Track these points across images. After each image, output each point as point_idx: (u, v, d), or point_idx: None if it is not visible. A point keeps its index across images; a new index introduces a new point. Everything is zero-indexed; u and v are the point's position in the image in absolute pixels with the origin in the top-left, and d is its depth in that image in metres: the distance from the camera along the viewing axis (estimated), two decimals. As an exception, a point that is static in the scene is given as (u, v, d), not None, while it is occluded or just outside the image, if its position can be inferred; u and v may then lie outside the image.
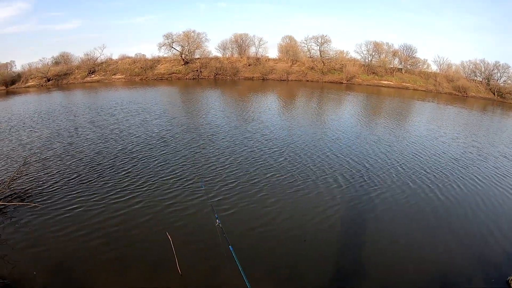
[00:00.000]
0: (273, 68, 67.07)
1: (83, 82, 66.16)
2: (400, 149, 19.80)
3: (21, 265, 8.92)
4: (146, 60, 71.86)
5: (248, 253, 9.29)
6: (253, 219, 11.18)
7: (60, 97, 46.29)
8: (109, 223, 10.94)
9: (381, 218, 11.73)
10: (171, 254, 8.75)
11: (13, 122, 27.14)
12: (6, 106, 39.36)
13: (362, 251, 9.70)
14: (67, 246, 9.74)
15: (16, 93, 56.76)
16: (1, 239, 10.13)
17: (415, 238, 10.54)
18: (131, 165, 16.09)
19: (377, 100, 44.83)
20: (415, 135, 23.96)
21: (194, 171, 15.08)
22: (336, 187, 13.98)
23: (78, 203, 12.26)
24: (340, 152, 18.56)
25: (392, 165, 16.96)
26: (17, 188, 13.60)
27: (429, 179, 15.34)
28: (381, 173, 15.77)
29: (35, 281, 8.24)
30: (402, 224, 11.38)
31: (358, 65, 67.80)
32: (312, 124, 26.60)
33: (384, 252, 9.64)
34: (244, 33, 73.39)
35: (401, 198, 13.24)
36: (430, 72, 68.71)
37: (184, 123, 25.20)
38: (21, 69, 71.07)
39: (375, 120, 30.16)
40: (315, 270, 8.80)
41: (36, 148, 19.06)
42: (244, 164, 16.11)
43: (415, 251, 9.80)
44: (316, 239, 10.24)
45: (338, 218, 11.49)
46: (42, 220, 11.17)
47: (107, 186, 13.74)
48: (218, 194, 12.91)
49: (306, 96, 46.40)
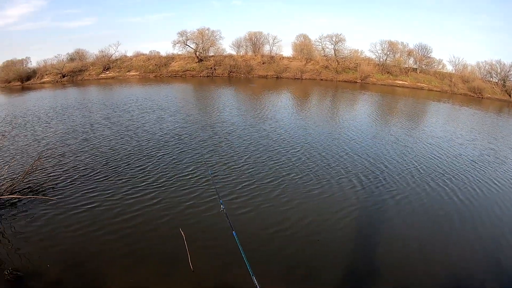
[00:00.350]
0: (287, 66, 67.07)
1: (97, 78, 66.71)
2: (417, 150, 19.68)
3: (34, 257, 8.99)
4: (160, 57, 72.30)
5: (261, 252, 9.39)
6: (267, 218, 11.18)
7: (75, 93, 46.83)
8: (122, 218, 11.04)
9: (396, 220, 11.63)
10: (183, 251, 8.89)
11: (29, 117, 27.58)
12: (22, 101, 40.14)
13: (375, 253, 9.68)
14: (80, 240, 9.88)
15: (31, 88, 57.40)
16: (15, 231, 10.31)
17: (429, 241, 10.42)
18: (146, 161, 16.25)
19: (392, 100, 44.57)
20: (431, 136, 23.77)
21: (210, 169, 15.06)
22: (353, 188, 13.88)
23: (92, 198, 12.43)
24: (357, 153, 18.51)
25: (410, 166, 16.84)
26: (32, 182, 13.84)
27: (446, 181, 15.16)
28: (399, 174, 15.66)
29: (48, 274, 8.41)
30: (417, 227, 11.20)
31: (372, 64, 67.53)
32: (328, 123, 26.61)
33: (398, 255, 9.59)
34: (259, 31, 73.45)
35: (417, 200, 13.06)
36: (445, 72, 67.99)
37: (199, 120, 25.36)
38: (36, 65, 71.93)
39: (391, 120, 30.05)
40: (328, 270, 8.83)
41: (51, 143, 19.39)
42: (260, 163, 16.12)
43: (428, 254, 9.71)
44: (330, 239, 10.21)
45: (353, 219, 11.41)
46: (56, 213, 11.33)
47: (121, 181, 13.91)
48: (232, 192, 12.95)
49: (321, 95, 46.37)
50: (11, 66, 67.56)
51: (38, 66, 71.49)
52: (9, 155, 17.14)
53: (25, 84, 64.58)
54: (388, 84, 62.91)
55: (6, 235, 10.12)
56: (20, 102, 38.87)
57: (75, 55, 77.79)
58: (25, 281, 8.14)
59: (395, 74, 65.60)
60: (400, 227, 11.13)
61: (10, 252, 9.29)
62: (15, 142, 19.63)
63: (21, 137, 20.90)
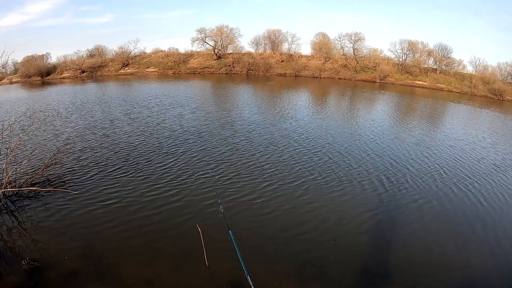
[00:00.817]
0: (306, 65, 66.94)
1: (116, 74, 67.59)
2: (439, 153, 19.57)
3: (52, 249, 9.31)
4: (179, 54, 73.07)
5: (278, 252, 9.50)
6: (288, 220, 11.18)
7: (95, 88, 47.78)
8: (140, 214, 11.32)
9: (417, 224, 11.49)
10: (200, 246, 8.99)
11: (49, 112, 28.47)
12: (42, 96, 41.24)
13: (394, 257, 9.64)
14: (97, 233, 10.19)
15: (51, 83, 58.60)
16: (33, 223, 10.67)
17: (450, 246, 10.28)
18: (166, 158, 16.52)
19: (412, 101, 44.12)
20: (453, 139, 23.61)
21: (231, 169, 15.24)
22: (375, 190, 13.82)
23: (111, 193, 12.73)
24: (378, 154, 18.52)
25: (432, 169, 16.72)
26: (51, 175, 14.28)
27: (469, 185, 15.02)
28: (422, 177, 15.54)
29: (65, 265, 8.64)
30: (439, 232, 11.07)
31: (391, 64, 66.85)
32: (348, 123, 26.64)
33: (418, 259, 9.51)
34: (277, 29, 73.50)
35: (439, 205, 12.89)
36: (466, 73, 66.71)
37: (219, 118, 25.63)
38: (56, 60, 73.69)
39: (412, 121, 29.85)
40: (344, 271, 8.87)
41: (70, 138, 19.90)
42: (281, 163, 16.20)
43: (450, 260, 9.62)
44: (348, 242, 10.19)
45: (374, 222, 11.36)
46: (74, 207, 11.67)
47: (140, 178, 14.21)
48: (254, 191, 13.04)
49: (340, 94, 46.21)
50: (32, 61, 69.18)
51: (58, 61, 73.47)
52: (29, 149, 17.67)
53: (45, 79, 66.05)
54: (407, 84, 62.16)
55: (24, 226, 10.52)
56: (40, 97, 39.82)
57: (95, 51, 79.33)
58: (42, 271, 8.39)
59: (414, 75, 64.79)
60: (422, 232, 11.02)
61: (28, 242, 9.62)
62: (35, 136, 20.21)
63: (41, 131, 21.53)
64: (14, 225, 10.59)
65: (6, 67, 70.89)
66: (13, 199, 12.31)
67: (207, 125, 23.10)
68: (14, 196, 12.47)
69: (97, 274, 8.35)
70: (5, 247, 9.43)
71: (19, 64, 72.04)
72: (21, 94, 46.25)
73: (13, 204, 11.94)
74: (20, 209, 11.53)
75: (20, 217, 11.01)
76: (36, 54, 71.23)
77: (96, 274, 8.36)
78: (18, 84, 64.64)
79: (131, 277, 8.26)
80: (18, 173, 13.55)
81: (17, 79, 68.07)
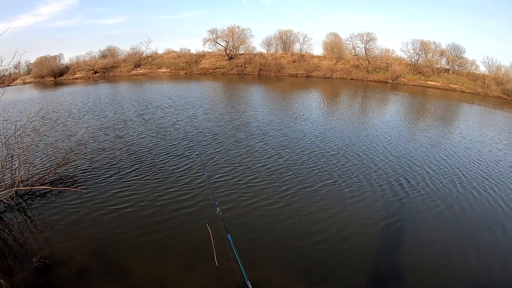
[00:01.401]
0: (318, 65, 67.00)
1: (128, 75, 68.19)
2: (457, 155, 19.44)
3: (62, 247, 9.49)
4: (191, 55, 73.63)
5: (291, 251, 9.54)
6: (307, 227, 11.01)
7: (107, 89, 48.52)
8: (150, 213, 11.46)
9: (440, 229, 11.34)
10: (209, 246, 9.03)
11: (61, 112, 29.09)
12: (55, 96, 42.06)
13: (413, 264, 9.42)
14: (108, 232, 10.34)
15: (64, 84, 59.50)
16: (45, 221, 10.93)
17: (473, 253, 10.06)
18: (179, 158, 16.68)
19: (425, 102, 43.95)
20: (469, 140, 23.48)
21: (248, 172, 15.24)
22: (396, 194, 13.68)
23: (122, 192, 12.91)
24: (397, 156, 18.46)
25: (451, 172, 16.58)
26: (63, 175, 14.55)
27: (488, 189, 14.86)
28: (441, 181, 15.38)
29: (75, 263, 8.80)
30: (461, 238, 10.84)
31: (404, 64, 66.54)
32: (364, 125, 26.55)
33: (441, 270, 9.24)
34: (289, 30, 73.76)
35: (461, 211, 12.67)
36: (478, 73, 66.04)
37: (232, 119, 25.67)
38: (69, 61, 74.91)
39: (427, 122, 29.62)
40: (354, 273, 8.81)
41: (83, 138, 20.22)
42: (298, 166, 16.10)
43: (473, 268, 9.46)
44: (360, 244, 10.11)
45: (395, 228, 11.18)
46: (85, 205, 11.90)
47: (152, 177, 14.36)
48: (269, 196, 12.88)
49: (353, 95, 46.08)
50: (45, 62, 70.47)
51: (70, 62, 74.96)
52: (41, 149, 18.09)
53: (58, 80, 67.14)
54: (419, 85, 61.86)
55: (36, 224, 10.74)
56: (53, 97, 40.57)
57: (107, 52, 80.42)
58: (53, 269, 8.54)
59: (426, 75, 64.41)
60: (443, 238, 10.79)
61: (39, 240, 9.81)
62: (47, 136, 20.60)
63: (53, 131, 21.95)
64: (26, 223, 10.86)
65: (19, 68, 71.84)
66: (25, 197, 12.56)
67: (221, 127, 23.20)
68: (26, 195, 12.73)
69: (107, 273, 8.49)
70: (16, 245, 9.67)
71: (32, 64, 73.30)
72: (34, 94, 47.11)
73: (25, 203, 12.18)
74: (32, 208, 11.79)
75: (32, 215, 11.29)
76: (49, 55, 72.63)
77: (106, 272, 8.51)
78: (31, 84, 65.80)
79: (141, 276, 8.39)
80: (31, 172, 13.90)
81: (30, 79, 69.25)
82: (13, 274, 8.42)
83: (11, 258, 9.11)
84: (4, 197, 11.83)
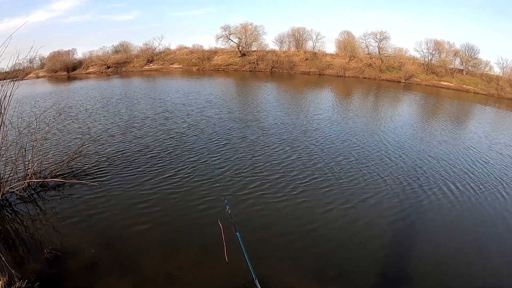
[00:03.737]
0: (330, 63, 66.78)
1: (141, 70, 68.51)
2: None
3: (73, 239, 9.58)
4: (204, 51, 73.76)
5: (301, 251, 9.47)
6: (314, 222, 10.97)
7: (120, 83, 48.88)
8: (162, 207, 11.54)
9: (464, 232, 11.09)
10: (219, 243, 8.90)
11: (74, 106, 29.48)
12: (68, 90, 42.63)
13: (426, 267, 9.14)
14: (119, 226, 10.43)
15: (77, 78, 60.10)
16: (56, 213, 11.05)
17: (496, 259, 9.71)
18: (193, 157, 16.52)
19: (444, 102, 43.44)
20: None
21: (256, 170, 15.10)
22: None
23: (133, 187, 12.94)
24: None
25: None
26: (75, 168, 14.67)
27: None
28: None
29: (85, 256, 8.85)
30: (480, 242, 10.51)
31: (417, 64, 65.92)
32: (378, 125, 25.84)
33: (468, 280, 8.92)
34: (302, 27, 73.47)
35: (482, 213, 12.36)
36: (492, 75, 65.02)
37: (247, 119, 24.92)
38: (82, 56, 75.30)
39: (453, 124, 29.28)
40: (367, 275, 8.68)
41: (94, 132, 20.39)
42: (313, 168, 15.61)
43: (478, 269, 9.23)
44: (374, 245, 9.93)
45: (408, 228, 10.99)
46: (97, 199, 12.00)
47: (164, 173, 14.39)
48: (280, 195, 12.75)
49: (367, 94, 45.75)
50: (58, 57, 71.25)
51: (83, 57, 75.39)
52: (54, 142, 18.24)
53: (71, 74, 67.84)
54: (432, 85, 61.22)
55: (47, 216, 10.83)
56: (66, 91, 41.14)
57: (120, 47, 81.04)
58: (63, 260, 8.62)
59: (440, 75, 63.79)
60: (458, 238, 10.61)
61: (51, 232, 9.93)
62: (60, 129, 20.82)
63: (66, 125, 22.15)
64: (38, 214, 10.99)
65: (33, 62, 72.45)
66: (37, 189, 12.66)
67: (236, 126, 22.75)
68: (38, 187, 12.83)
69: (117, 266, 8.54)
70: (28, 236, 9.80)
71: (46, 59, 73.94)
72: (47, 89, 47.60)
73: (37, 195, 12.28)
74: (44, 200, 11.93)
75: (44, 207, 11.42)
76: (62, 50, 73.11)
77: (116, 266, 8.56)
78: (45, 78, 66.43)
79: (151, 270, 8.43)
80: (43, 164, 13.95)
81: (43, 73, 69.91)
82: (24, 264, 8.56)
83: (23, 248, 9.27)
84: (17, 189, 11.94)
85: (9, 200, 11.82)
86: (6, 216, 10.97)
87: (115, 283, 7.98)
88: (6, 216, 10.94)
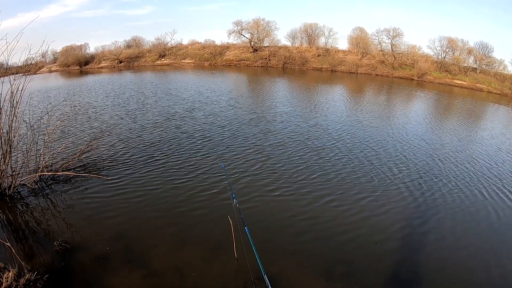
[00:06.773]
0: (343, 60, 66.42)
1: (153, 65, 68.72)
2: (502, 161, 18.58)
3: (83, 232, 9.74)
4: (216, 46, 73.98)
5: (311, 248, 9.50)
6: (332, 220, 10.98)
7: (133, 78, 49.06)
8: (172, 203, 11.63)
9: (472, 234, 10.95)
10: (228, 238, 8.84)
11: (86, 100, 29.82)
12: (80, 84, 43.10)
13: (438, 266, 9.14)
14: (129, 219, 10.56)
15: (89, 72, 60.73)
16: (67, 206, 11.24)
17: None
18: (196, 149, 16.85)
19: (460, 101, 43.01)
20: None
21: (265, 164, 15.25)
22: (428, 198, 13.11)
23: (143, 182, 13.10)
24: (432, 159, 17.73)
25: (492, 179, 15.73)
26: (86, 162, 14.94)
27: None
28: (481, 186, 14.67)
29: (95, 249, 8.97)
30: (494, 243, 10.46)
31: (430, 61, 65.07)
32: (392, 124, 25.43)
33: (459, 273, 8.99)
34: (314, 23, 73.02)
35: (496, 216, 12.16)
36: (506, 74, 64.09)
37: (261, 117, 24.57)
38: (94, 51, 76.03)
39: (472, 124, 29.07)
40: (378, 273, 8.69)
41: (106, 126, 20.65)
42: (323, 164, 15.67)
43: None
44: (388, 245, 9.94)
45: (423, 230, 10.85)
46: (107, 192, 12.17)
47: (175, 168, 14.55)
48: (289, 191, 12.78)
49: (380, 91, 45.54)
50: (70, 51, 71.96)
51: (96, 51, 76.05)
52: (65, 136, 18.48)
53: (83, 68, 68.50)
54: (445, 83, 60.52)
55: (58, 209, 11.05)
56: (78, 86, 41.57)
57: (132, 42, 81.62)
58: (73, 253, 8.76)
59: (453, 73, 63.14)
60: (473, 241, 10.50)
61: (61, 225, 10.10)
62: (72, 123, 21.16)
63: (78, 119, 22.53)
64: (49, 207, 11.18)
65: (46, 56, 73.03)
66: (49, 182, 12.94)
67: (240, 119, 23.00)
68: (50, 180, 13.11)
69: (127, 259, 8.64)
70: (38, 228, 9.97)
71: (58, 53, 74.66)
72: (60, 83, 48.26)
73: (48, 188, 12.55)
74: (55, 193, 12.11)
75: (55, 200, 11.60)
76: (75, 44, 73.79)
77: (126, 259, 8.66)
78: (57, 72, 67.00)
79: (160, 264, 8.52)
80: (55, 158, 14.29)
81: (56, 68, 70.59)
82: (34, 256, 8.69)
83: (33, 241, 9.42)
84: (28, 182, 12.22)
85: (20, 193, 12.11)
86: (17, 208, 11.26)
87: (125, 277, 8.10)
88: (17, 209, 11.23)
